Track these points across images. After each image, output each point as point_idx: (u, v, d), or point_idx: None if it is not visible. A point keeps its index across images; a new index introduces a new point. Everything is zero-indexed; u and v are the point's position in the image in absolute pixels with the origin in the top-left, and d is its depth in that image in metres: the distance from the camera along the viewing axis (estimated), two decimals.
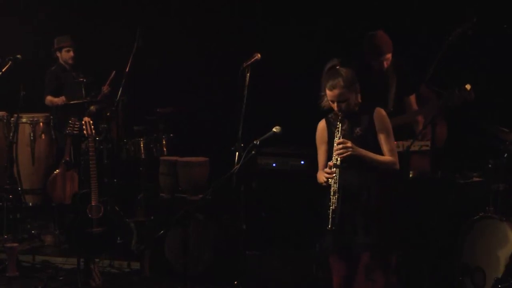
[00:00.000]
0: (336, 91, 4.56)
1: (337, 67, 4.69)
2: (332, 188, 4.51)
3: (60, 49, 8.03)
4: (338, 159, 4.52)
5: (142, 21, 7.75)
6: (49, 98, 7.96)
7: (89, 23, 8.42)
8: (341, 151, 4.50)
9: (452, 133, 6.24)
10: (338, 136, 4.57)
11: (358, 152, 4.51)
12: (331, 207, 4.48)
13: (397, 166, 4.59)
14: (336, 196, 4.48)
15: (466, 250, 5.63)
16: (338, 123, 4.60)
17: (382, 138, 4.59)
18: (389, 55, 5.82)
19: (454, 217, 5.84)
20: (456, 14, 6.26)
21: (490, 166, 5.71)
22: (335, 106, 4.60)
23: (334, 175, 4.51)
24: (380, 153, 4.58)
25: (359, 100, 4.66)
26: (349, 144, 4.50)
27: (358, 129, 4.61)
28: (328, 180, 4.53)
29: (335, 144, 4.55)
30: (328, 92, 4.60)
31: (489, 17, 6.29)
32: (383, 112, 4.64)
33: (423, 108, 5.92)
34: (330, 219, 4.47)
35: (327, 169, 4.56)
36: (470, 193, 5.95)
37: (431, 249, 5.83)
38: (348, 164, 4.54)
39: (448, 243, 5.70)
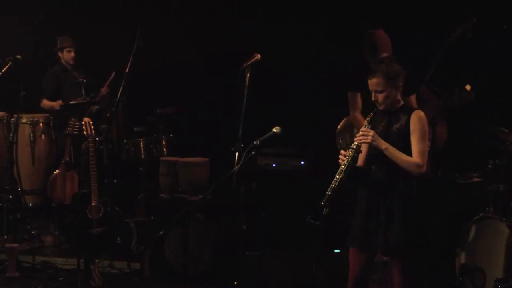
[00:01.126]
0: (374, 80, 4.65)
1: (385, 59, 4.85)
2: (340, 168, 4.58)
3: (61, 50, 8.03)
4: (356, 143, 4.60)
5: (142, 21, 7.74)
6: (45, 101, 7.94)
7: (89, 23, 8.42)
8: (361, 137, 4.58)
9: (452, 134, 6.24)
10: (366, 125, 4.65)
11: (378, 142, 4.56)
12: (331, 185, 4.53)
13: (423, 169, 4.59)
14: (339, 176, 4.54)
15: (466, 251, 5.63)
16: (371, 113, 4.68)
17: (413, 139, 4.61)
18: (385, 55, 5.80)
19: (454, 217, 5.84)
20: (456, 14, 6.26)
21: (490, 166, 5.71)
22: (372, 95, 4.69)
23: (347, 157, 4.58)
24: (411, 155, 4.61)
25: (399, 98, 4.71)
26: (371, 133, 4.57)
27: (395, 127, 4.67)
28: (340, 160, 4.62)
29: (360, 131, 4.64)
30: (368, 81, 4.71)
31: (489, 17, 6.30)
32: (421, 114, 4.67)
33: (423, 109, 5.90)
34: (326, 195, 4.52)
35: (342, 151, 4.65)
36: (470, 194, 5.96)
37: (431, 249, 5.83)
38: (377, 163, 4.64)
39: (448, 243, 5.70)
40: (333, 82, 6.72)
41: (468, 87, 5.53)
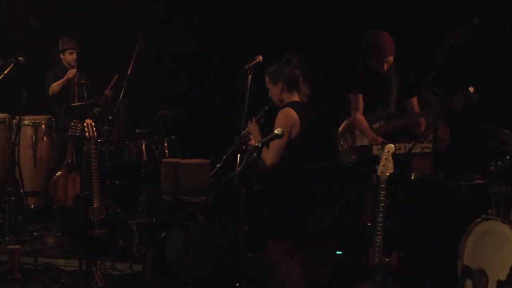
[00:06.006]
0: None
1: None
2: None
3: (63, 51, 8.04)
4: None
5: (144, 23, 7.75)
6: (53, 85, 7.92)
7: (91, 25, 8.43)
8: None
9: (454, 135, 6.24)
10: (258, 119, 5.38)
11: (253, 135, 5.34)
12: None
13: (268, 162, 5.05)
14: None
15: (468, 253, 5.62)
16: (266, 107, 5.40)
17: None
18: (391, 58, 5.80)
19: (456, 219, 5.83)
20: (458, 15, 6.26)
21: (492, 168, 5.70)
22: None
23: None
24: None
25: (283, 97, 5.29)
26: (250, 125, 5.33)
27: None
28: None
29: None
30: None
31: (491, 18, 6.29)
32: (285, 111, 5.13)
33: (425, 110, 5.91)
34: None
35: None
36: (472, 195, 5.95)
37: (432, 251, 5.82)
38: None
39: (450, 245, 5.69)
40: (334, 84, 6.73)
41: (471, 88, 5.52)
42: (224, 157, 5.52)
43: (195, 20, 8.19)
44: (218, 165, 5.50)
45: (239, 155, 5.39)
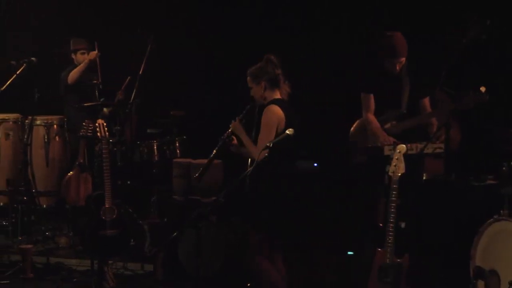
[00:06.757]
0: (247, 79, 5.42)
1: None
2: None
3: (75, 51, 8.06)
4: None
5: (156, 24, 7.77)
6: (73, 71, 7.86)
7: (104, 26, 8.45)
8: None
9: (466, 136, 6.22)
10: (240, 117, 5.54)
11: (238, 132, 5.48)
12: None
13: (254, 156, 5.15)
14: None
15: (480, 253, 5.60)
16: (247, 106, 5.52)
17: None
18: (403, 59, 5.79)
19: (468, 219, 5.81)
20: (470, 16, 6.24)
21: (504, 168, 5.68)
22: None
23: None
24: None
25: (266, 95, 5.39)
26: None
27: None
28: None
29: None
30: None
31: (504, 19, 6.27)
32: (270, 108, 5.29)
33: (436, 111, 5.89)
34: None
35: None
36: (484, 196, 5.93)
37: (444, 252, 5.81)
38: None
39: (462, 246, 5.67)
40: (345, 84, 6.73)
41: (483, 88, 5.50)
42: (209, 159, 5.61)
43: (207, 21, 8.20)
44: (201, 169, 5.61)
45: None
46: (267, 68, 5.34)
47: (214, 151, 5.55)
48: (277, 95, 5.37)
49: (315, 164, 6.93)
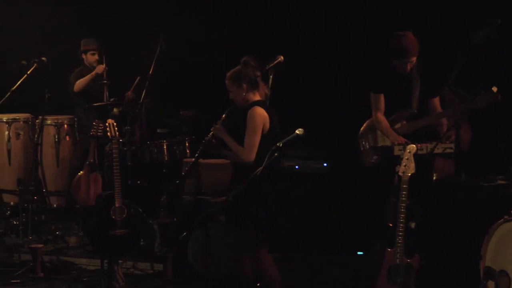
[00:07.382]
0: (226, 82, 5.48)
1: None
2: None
3: (85, 52, 8.08)
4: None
5: (166, 25, 7.78)
6: (80, 80, 7.88)
7: (114, 26, 8.47)
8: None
9: (476, 136, 6.20)
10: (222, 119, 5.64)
11: (220, 133, 5.59)
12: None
13: (243, 156, 5.27)
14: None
15: (490, 254, 5.58)
16: (228, 109, 5.65)
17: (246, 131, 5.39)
18: (414, 59, 5.77)
19: (478, 220, 5.80)
20: (480, 16, 6.23)
21: None
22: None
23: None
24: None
25: (248, 98, 5.43)
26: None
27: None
28: None
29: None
30: None
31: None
32: (255, 110, 5.29)
33: (447, 111, 5.88)
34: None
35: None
36: (494, 196, 5.91)
37: (454, 252, 5.79)
38: None
39: (472, 246, 5.66)
40: (356, 84, 6.72)
41: (494, 88, 5.48)
42: (191, 162, 5.67)
43: (217, 22, 8.20)
44: (183, 173, 5.70)
45: None
46: (247, 71, 5.41)
47: (197, 154, 5.65)
48: (257, 97, 5.46)
49: (325, 164, 6.92)
